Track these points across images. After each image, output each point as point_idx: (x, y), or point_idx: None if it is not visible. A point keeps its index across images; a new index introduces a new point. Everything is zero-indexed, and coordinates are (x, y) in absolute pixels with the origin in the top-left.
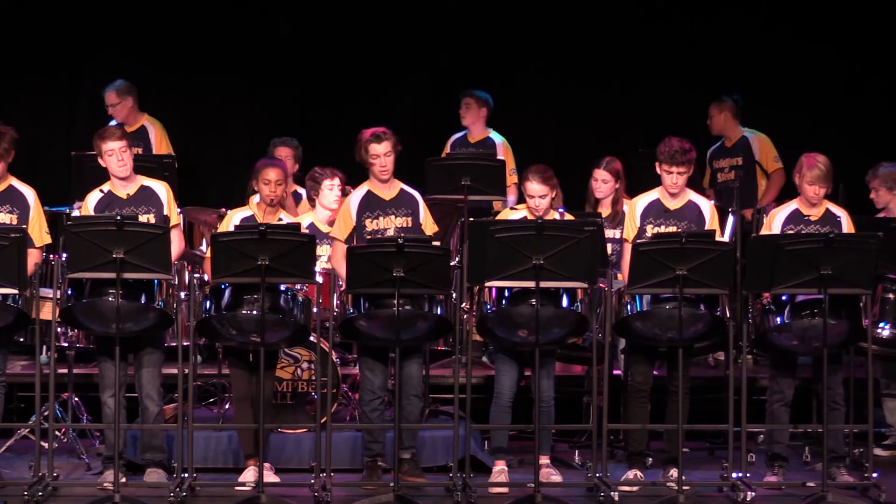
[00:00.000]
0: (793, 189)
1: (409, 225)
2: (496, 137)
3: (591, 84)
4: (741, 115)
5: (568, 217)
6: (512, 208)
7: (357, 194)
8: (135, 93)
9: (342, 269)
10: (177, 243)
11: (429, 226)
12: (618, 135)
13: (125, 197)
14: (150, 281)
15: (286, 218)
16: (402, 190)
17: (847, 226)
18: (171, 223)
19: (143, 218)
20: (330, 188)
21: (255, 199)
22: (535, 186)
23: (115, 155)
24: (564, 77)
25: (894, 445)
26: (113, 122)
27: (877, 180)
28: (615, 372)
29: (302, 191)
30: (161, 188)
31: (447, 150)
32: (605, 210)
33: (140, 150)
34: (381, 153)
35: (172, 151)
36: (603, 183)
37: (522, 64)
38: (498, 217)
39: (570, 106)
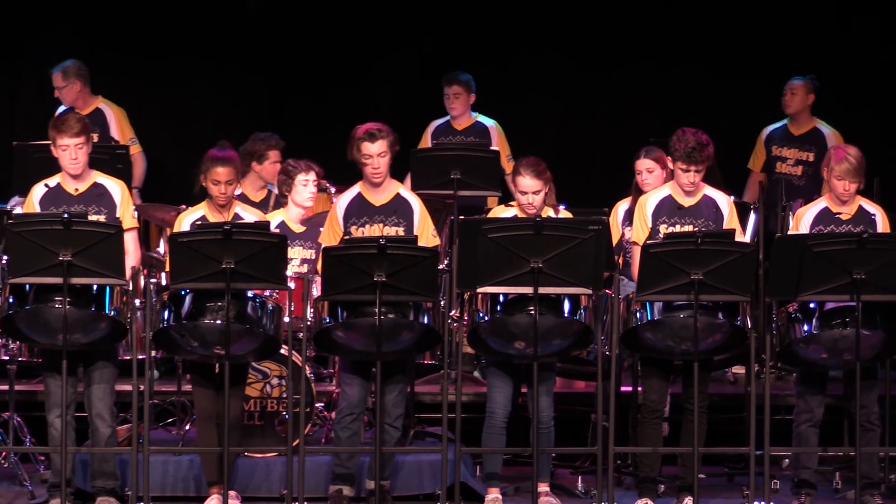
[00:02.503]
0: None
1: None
2: (486, 121)
3: (595, 67)
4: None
5: (567, 215)
6: (508, 205)
7: (346, 197)
8: (85, 75)
9: None
10: (133, 250)
11: (426, 237)
12: (626, 123)
13: (74, 193)
14: (102, 287)
15: (244, 213)
16: (397, 195)
17: (882, 225)
18: (126, 226)
19: (92, 218)
20: (304, 184)
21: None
22: (527, 181)
23: (69, 151)
24: (565, 60)
25: None
26: (62, 108)
27: None
28: (623, 388)
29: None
30: (116, 187)
31: (426, 139)
32: None
33: (96, 136)
34: (375, 153)
35: (133, 134)
36: (648, 173)
37: (518, 46)
38: (489, 215)
39: (572, 92)
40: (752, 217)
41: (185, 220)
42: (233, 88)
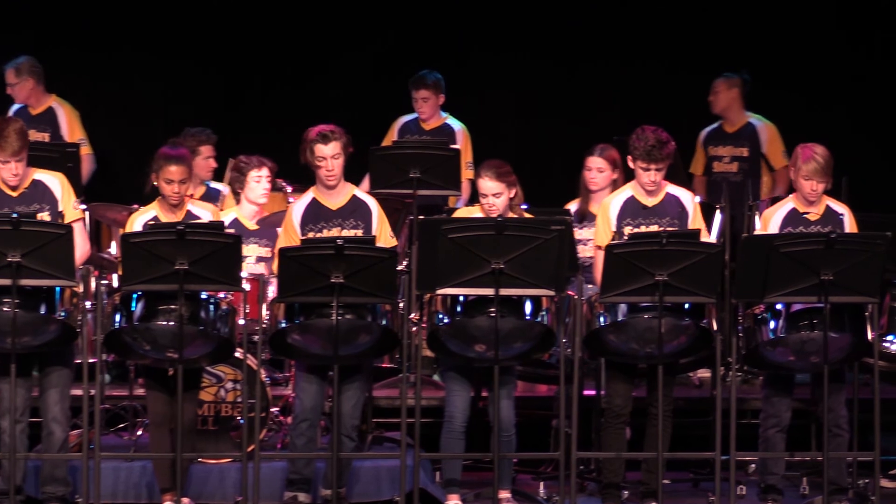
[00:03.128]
0: None
1: None
2: (455, 124)
3: (558, 64)
4: (747, 98)
5: (528, 216)
6: (473, 207)
7: (301, 203)
8: (39, 73)
9: None
10: (80, 242)
11: (384, 238)
12: (588, 122)
13: (14, 194)
14: (51, 288)
15: (199, 211)
16: (353, 197)
17: (850, 225)
18: (69, 218)
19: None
20: (257, 180)
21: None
22: (488, 184)
23: (9, 166)
24: (527, 56)
25: None
26: (15, 106)
27: None
28: (586, 392)
29: (221, 186)
30: (55, 181)
31: (392, 135)
32: (597, 206)
33: (47, 136)
34: (328, 155)
35: (85, 136)
36: (598, 172)
37: (476, 43)
38: (453, 216)
39: (534, 89)
40: (718, 217)
41: (137, 221)
42: (184, 86)
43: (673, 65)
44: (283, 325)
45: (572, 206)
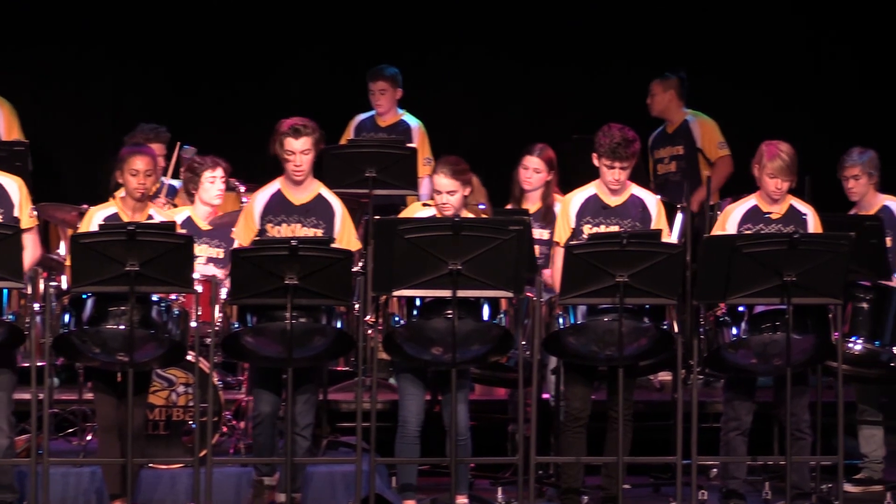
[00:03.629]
0: (739, 180)
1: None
2: (411, 121)
3: (517, 61)
4: (686, 96)
5: (486, 215)
6: (424, 204)
7: (265, 193)
8: None
9: None
10: (31, 249)
11: (348, 241)
12: (549, 119)
13: None
14: None
15: (158, 215)
16: (319, 195)
17: (814, 225)
18: (24, 226)
19: None
20: (211, 180)
21: (121, 193)
22: (443, 181)
23: None
24: (487, 52)
25: (867, 480)
26: None
27: (857, 168)
28: (544, 396)
29: (177, 182)
30: (12, 185)
31: (349, 134)
32: (532, 205)
33: None
34: (298, 150)
35: (24, 137)
36: (535, 173)
37: (436, 40)
38: (403, 214)
39: (494, 86)
40: (680, 217)
41: (97, 216)
42: (134, 82)
43: (635, 64)
44: (236, 327)
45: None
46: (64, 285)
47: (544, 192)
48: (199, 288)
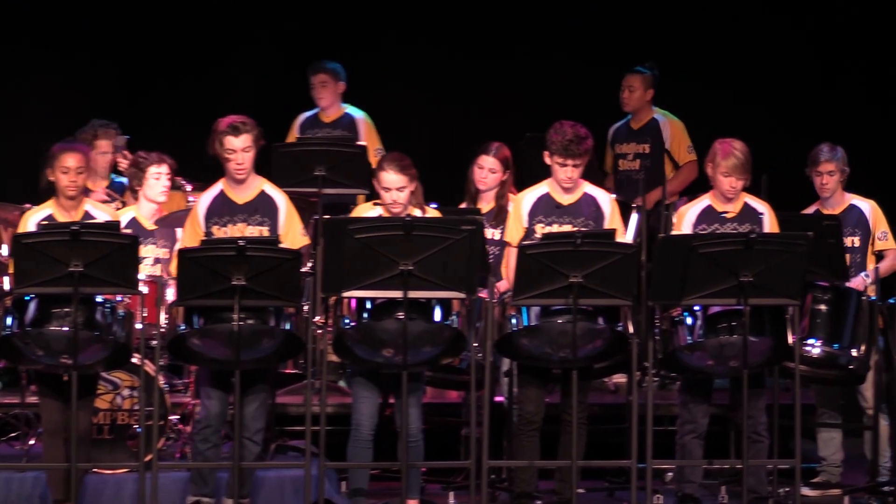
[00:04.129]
0: (704, 186)
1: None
2: (355, 113)
3: (470, 56)
4: (656, 93)
5: (437, 215)
6: (375, 203)
7: (207, 196)
8: None
9: None
10: None
11: (293, 237)
12: (502, 116)
13: None
14: None
15: (95, 210)
16: (262, 192)
17: (770, 224)
18: None
19: None
20: (156, 177)
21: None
22: (392, 177)
23: None
24: (438, 47)
25: (825, 484)
26: None
27: (832, 164)
28: (497, 398)
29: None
30: None
31: (294, 132)
32: (486, 205)
33: None
34: (238, 148)
35: None
36: (490, 172)
37: (387, 30)
38: (353, 214)
39: (445, 81)
40: (635, 217)
41: (31, 220)
42: (77, 77)
43: (586, 59)
44: (183, 329)
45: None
46: (6, 286)
47: (499, 191)
48: (144, 289)
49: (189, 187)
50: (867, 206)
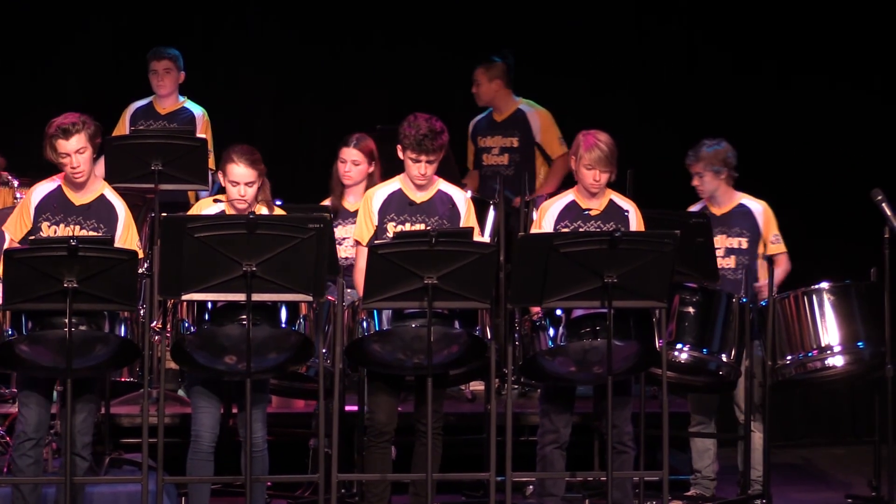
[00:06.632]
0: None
1: None
2: (194, 108)
3: (318, 42)
4: (513, 82)
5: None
6: (216, 200)
7: (43, 187)
8: None
9: None
10: None
11: (129, 239)
12: (350, 108)
13: None
14: None
15: None
16: (101, 196)
17: (636, 222)
18: None
19: None
20: None
21: None
22: (241, 170)
23: None
24: (284, 32)
25: (698, 497)
26: None
27: (700, 163)
28: (347, 408)
29: None
30: None
31: (124, 124)
32: (355, 200)
33: None
34: (73, 150)
35: None
36: (354, 165)
37: (225, 17)
38: (192, 210)
39: (292, 70)
40: (492, 214)
41: None
42: None
43: (444, 48)
44: (10, 334)
45: (325, 203)
46: None
47: (367, 185)
48: None
49: (16, 183)
50: (759, 206)
